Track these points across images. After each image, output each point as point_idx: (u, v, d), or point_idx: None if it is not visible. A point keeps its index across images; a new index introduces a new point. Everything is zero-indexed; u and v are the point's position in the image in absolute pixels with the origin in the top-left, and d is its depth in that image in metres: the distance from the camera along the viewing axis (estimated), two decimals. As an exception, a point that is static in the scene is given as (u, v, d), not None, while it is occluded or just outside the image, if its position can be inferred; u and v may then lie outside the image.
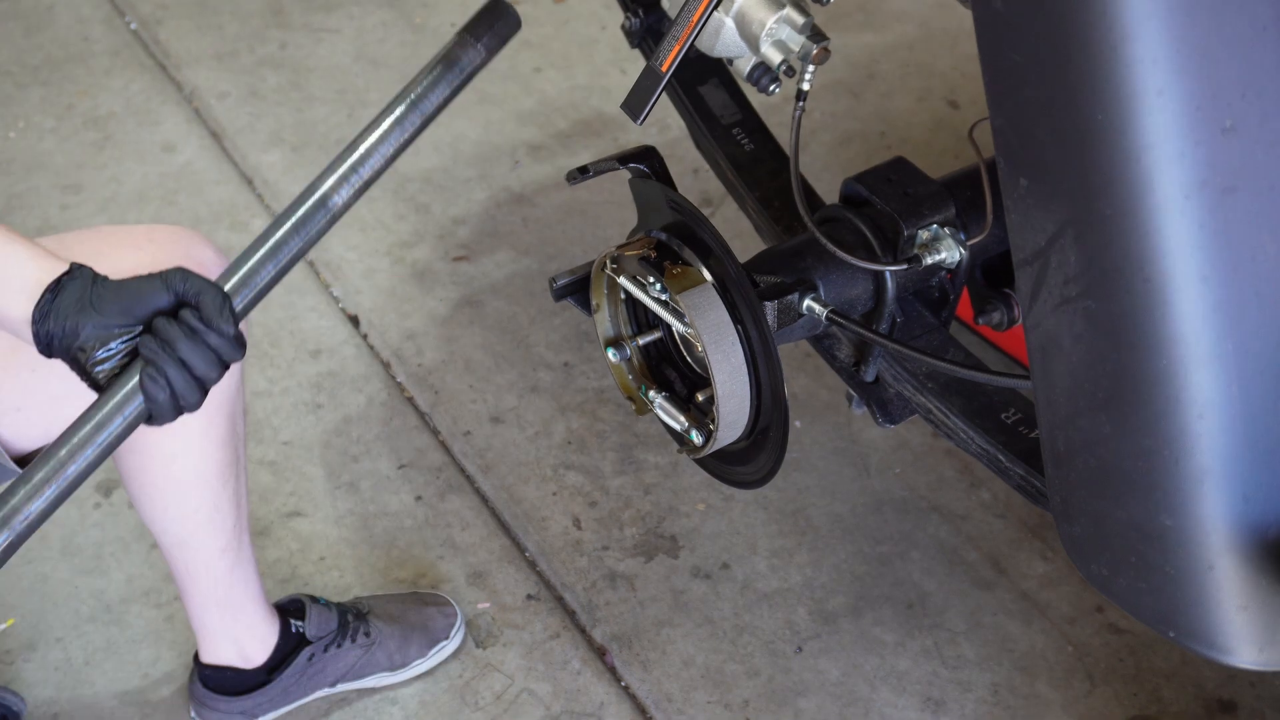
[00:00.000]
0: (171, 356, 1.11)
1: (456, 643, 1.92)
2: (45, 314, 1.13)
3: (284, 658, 1.80)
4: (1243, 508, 0.98)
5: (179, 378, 1.12)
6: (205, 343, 1.12)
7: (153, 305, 1.13)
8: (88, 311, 1.12)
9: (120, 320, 1.12)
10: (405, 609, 1.90)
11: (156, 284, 1.14)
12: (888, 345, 1.51)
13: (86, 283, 1.14)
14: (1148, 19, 0.88)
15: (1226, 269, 0.92)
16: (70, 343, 1.13)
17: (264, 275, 1.19)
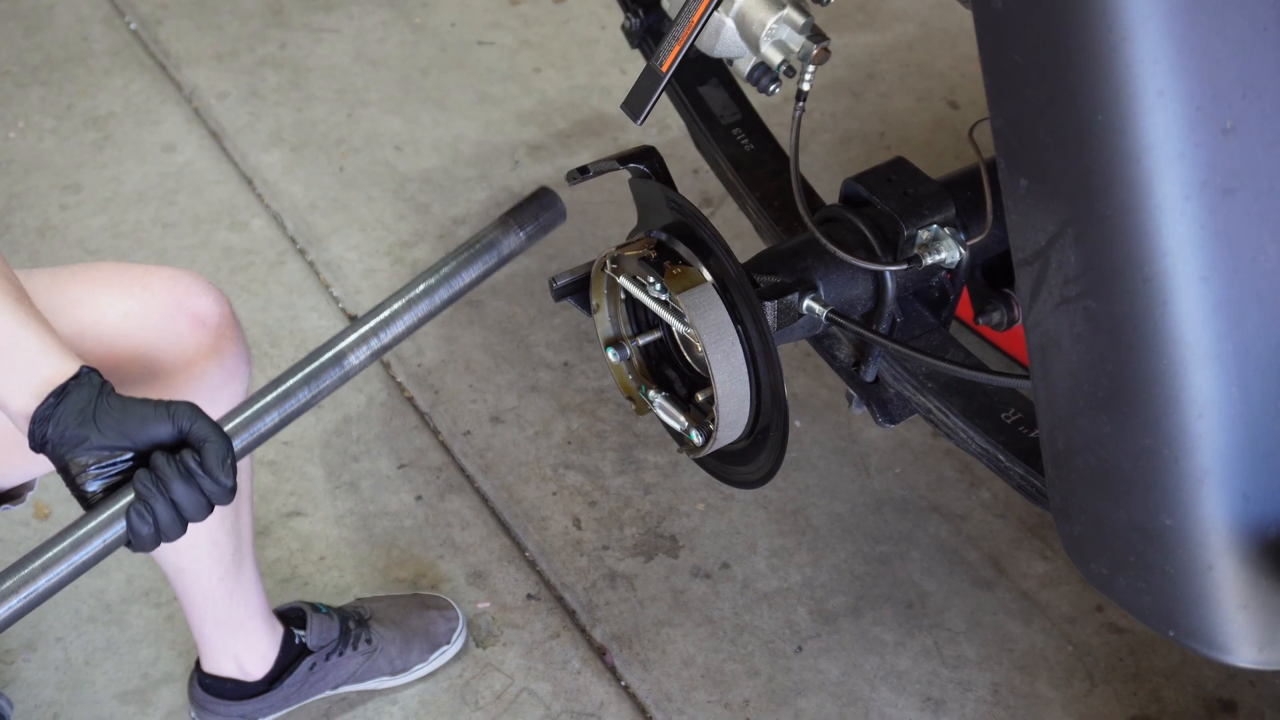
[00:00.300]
0: (163, 495, 1.11)
1: (458, 646, 1.91)
2: (46, 418, 1.12)
3: (285, 668, 1.80)
4: (1242, 507, 0.98)
5: (166, 516, 1.11)
6: (199, 487, 1.11)
7: (154, 436, 1.12)
8: (89, 426, 1.11)
9: (118, 443, 1.12)
10: (407, 613, 1.90)
11: (162, 415, 1.12)
12: (888, 345, 1.51)
13: (93, 392, 1.13)
14: (1148, 19, 0.88)
15: (1226, 269, 0.92)
16: (64, 453, 1.12)
17: (267, 422, 1.20)
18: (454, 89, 2.82)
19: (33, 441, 1.14)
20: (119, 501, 1.12)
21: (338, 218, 2.53)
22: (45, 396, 1.12)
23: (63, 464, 1.13)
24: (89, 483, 1.13)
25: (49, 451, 1.13)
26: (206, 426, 1.13)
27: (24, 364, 1.14)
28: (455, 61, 2.89)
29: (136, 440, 1.12)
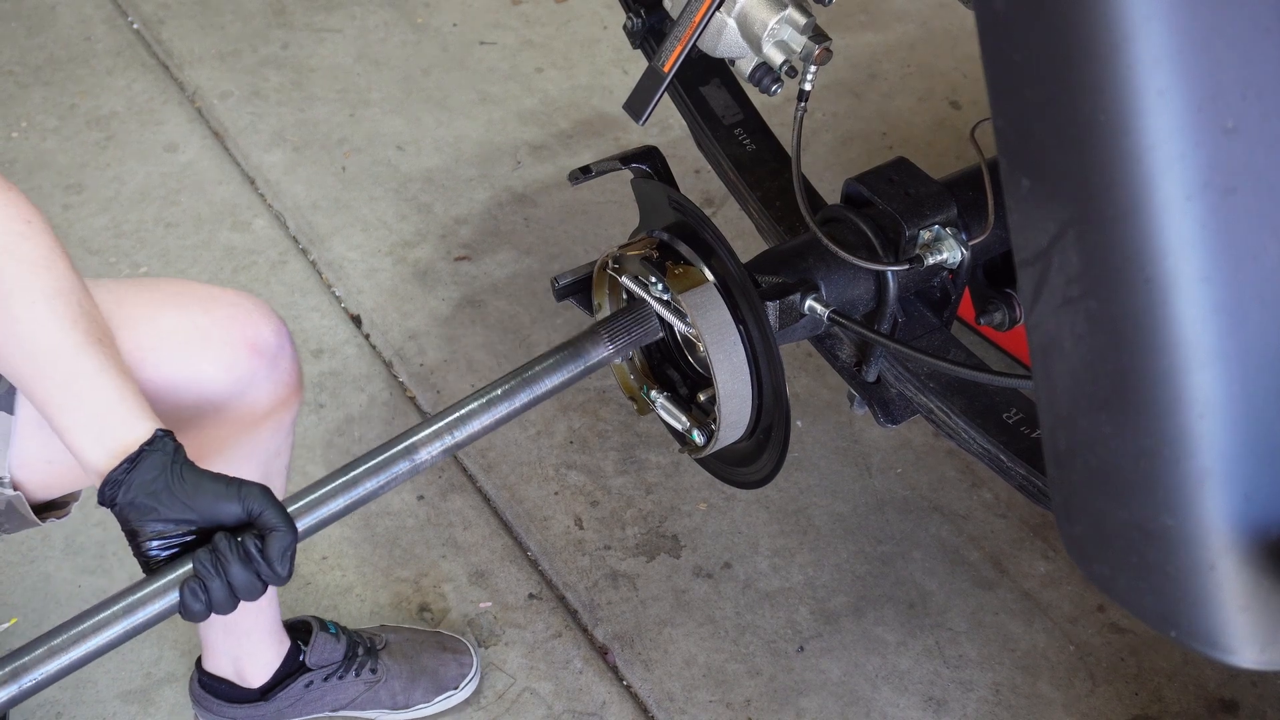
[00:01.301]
0: (220, 576, 1.13)
1: (466, 694, 1.88)
2: (117, 482, 1.14)
3: (280, 681, 1.78)
4: (1244, 508, 0.98)
5: (220, 595, 1.14)
6: (257, 573, 1.14)
7: (221, 515, 1.15)
8: (159, 498, 1.14)
9: (185, 516, 1.14)
10: (420, 650, 1.87)
11: (233, 495, 1.15)
12: (889, 345, 1.51)
13: (165, 460, 1.15)
14: (1149, 19, 0.88)
15: (1228, 269, 0.92)
16: (131, 518, 1.14)
17: (332, 508, 1.24)
18: (456, 89, 2.83)
19: (101, 499, 1.16)
20: (176, 572, 1.15)
21: (340, 217, 2.53)
22: (120, 460, 1.14)
23: (129, 529, 1.15)
24: (152, 550, 1.15)
25: (116, 513, 1.15)
26: (275, 515, 1.15)
27: (99, 418, 1.16)
28: (457, 61, 2.89)
29: (204, 517, 1.15)
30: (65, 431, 1.18)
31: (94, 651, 1.14)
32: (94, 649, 1.14)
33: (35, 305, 1.19)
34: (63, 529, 2.03)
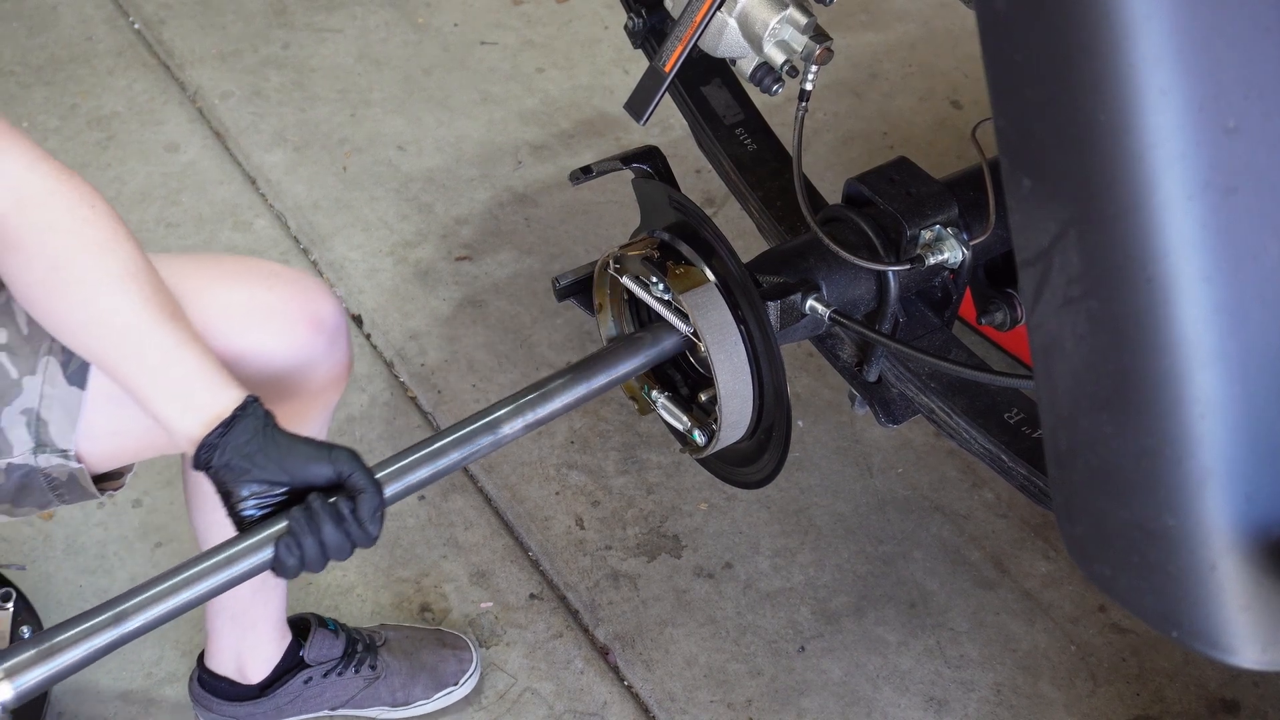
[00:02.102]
0: (314, 534, 1.19)
1: (466, 690, 1.87)
2: (213, 446, 1.19)
3: (279, 677, 1.79)
4: (1245, 508, 0.98)
5: (313, 552, 1.19)
6: (348, 533, 1.19)
7: (313, 476, 1.21)
8: (253, 460, 1.19)
9: (279, 478, 1.20)
10: (420, 647, 1.87)
11: (324, 458, 1.21)
12: (890, 345, 1.51)
13: (258, 424, 1.20)
14: (1150, 19, 0.88)
15: (1229, 269, 0.92)
16: (227, 480, 1.20)
17: (417, 477, 1.30)
18: (457, 89, 2.83)
19: (197, 464, 1.21)
20: (271, 529, 1.20)
21: (341, 217, 2.53)
22: (214, 425, 1.19)
23: (224, 490, 1.21)
24: (246, 510, 1.21)
25: (212, 476, 1.21)
26: (364, 478, 1.21)
27: (187, 388, 1.21)
28: (458, 61, 2.89)
29: (296, 478, 1.20)
30: (152, 403, 1.22)
31: (191, 601, 1.19)
32: (191, 599, 1.19)
33: (107, 287, 1.23)
34: (63, 529, 2.03)
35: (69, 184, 1.25)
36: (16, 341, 1.33)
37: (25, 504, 1.37)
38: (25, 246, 1.23)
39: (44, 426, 1.33)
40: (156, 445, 1.36)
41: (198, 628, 1.92)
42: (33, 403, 1.33)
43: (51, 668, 1.15)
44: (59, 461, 1.34)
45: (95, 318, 1.23)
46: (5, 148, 1.23)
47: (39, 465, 1.34)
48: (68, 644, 1.16)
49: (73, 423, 1.33)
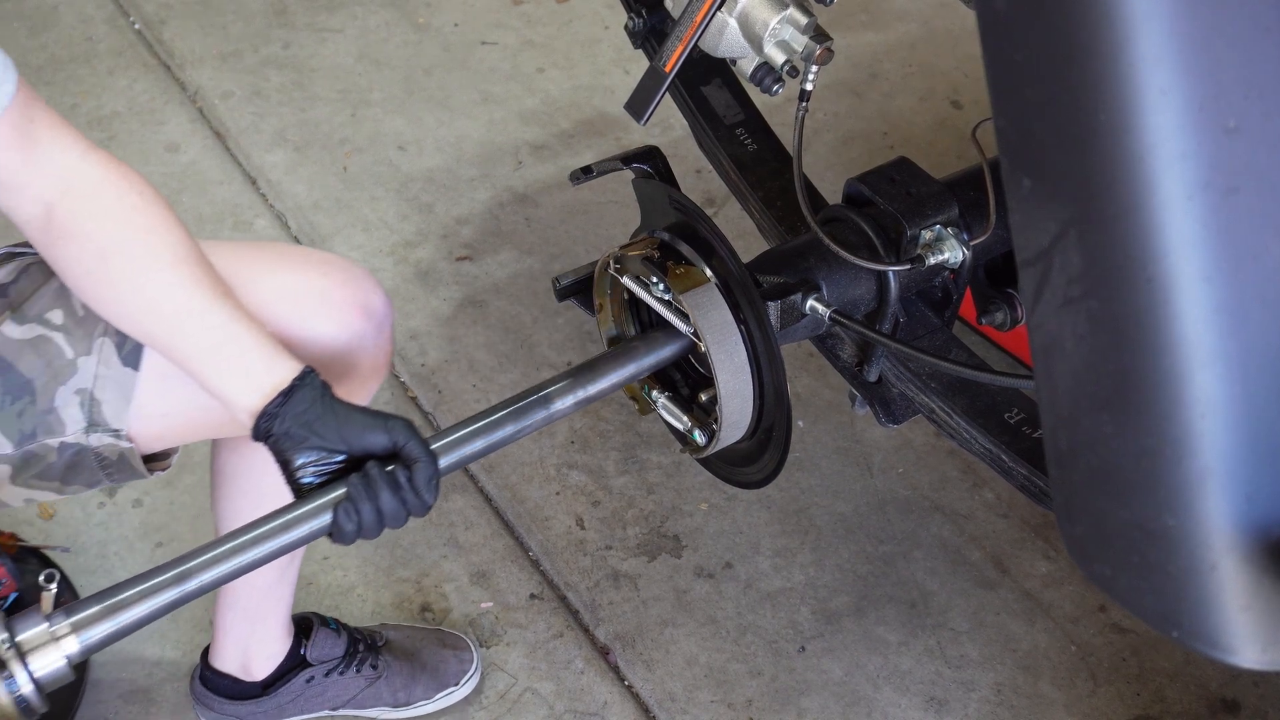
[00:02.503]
0: (371, 501, 1.21)
1: (467, 690, 1.87)
2: (272, 415, 1.22)
3: (282, 675, 1.79)
4: (1246, 508, 0.98)
5: (370, 518, 1.22)
6: (404, 500, 1.22)
7: (370, 445, 1.23)
8: (311, 429, 1.22)
9: (337, 446, 1.23)
10: (421, 647, 1.87)
11: (380, 427, 1.24)
12: (891, 345, 1.51)
13: (315, 395, 1.23)
14: (1151, 19, 0.88)
15: (1229, 269, 0.92)
16: (285, 448, 1.23)
17: (472, 449, 1.32)
18: (457, 89, 2.83)
19: (256, 434, 1.24)
20: (329, 495, 1.22)
21: (341, 217, 2.53)
22: (273, 396, 1.22)
23: (283, 459, 1.24)
24: (305, 477, 1.24)
25: (270, 445, 1.24)
26: (419, 446, 1.23)
27: (244, 363, 1.25)
28: (458, 61, 2.89)
29: (353, 446, 1.23)
30: (211, 381, 1.25)
31: (251, 562, 1.22)
32: (251, 560, 1.22)
33: (158, 271, 1.25)
34: (64, 529, 2.03)
35: (118, 173, 1.27)
36: (72, 323, 1.35)
37: (74, 482, 1.39)
38: (76, 236, 1.26)
39: (97, 406, 1.35)
40: (204, 427, 1.40)
41: (199, 628, 1.92)
42: (87, 383, 1.35)
43: (116, 624, 1.16)
44: (110, 441, 1.36)
45: (148, 302, 1.26)
46: (55, 137, 1.26)
47: (90, 444, 1.36)
48: (132, 601, 1.17)
49: (126, 403, 1.36)
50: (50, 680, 1.13)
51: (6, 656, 1.11)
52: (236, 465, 1.57)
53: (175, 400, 1.36)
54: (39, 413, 1.34)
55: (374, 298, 1.46)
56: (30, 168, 1.24)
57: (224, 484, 1.61)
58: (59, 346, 1.35)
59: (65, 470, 1.38)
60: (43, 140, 1.25)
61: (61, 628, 1.14)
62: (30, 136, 1.24)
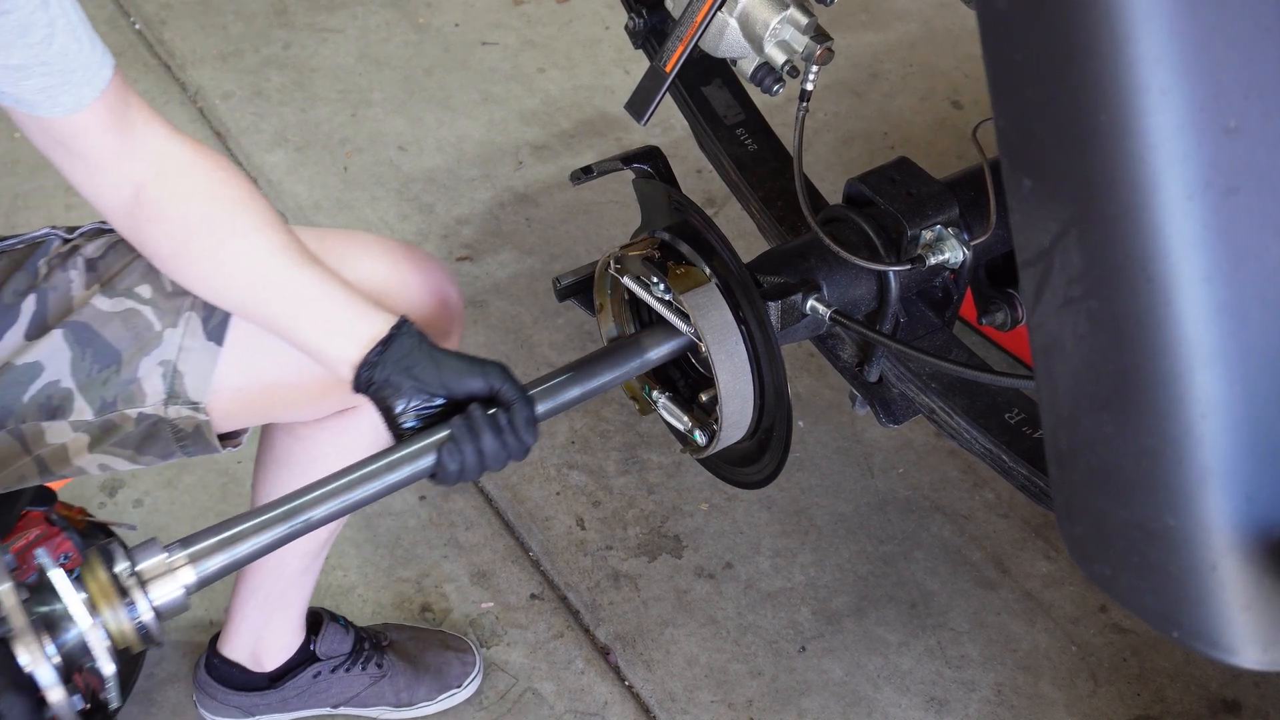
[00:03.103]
0: (474, 443, 1.25)
1: (469, 692, 1.88)
2: (372, 364, 1.26)
3: (290, 669, 1.80)
4: (1246, 508, 0.98)
5: (473, 461, 1.25)
6: (505, 443, 1.26)
7: (468, 389, 1.27)
8: (411, 372, 1.26)
9: (435, 391, 1.26)
10: (424, 649, 1.88)
11: (477, 371, 1.27)
12: (891, 345, 1.51)
13: (413, 341, 1.27)
14: (1151, 19, 0.88)
15: (1230, 269, 0.92)
16: (386, 395, 1.26)
17: (568, 395, 1.36)
18: (457, 89, 2.83)
19: (357, 385, 1.27)
20: (433, 438, 1.25)
21: (342, 217, 2.53)
22: (371, 346, 1.26)
23: (385, 405, 1.27)
24: (407, 422, 1.27)
25: (372, 394, 1.27)
26: (515, 389, 1.27)
27: (340, 318, 1.28)
28: (459, 62, 2.90)
29: (451, 390, 1.27)
30: (309, 338, 1.30)
31: (358, 501, 1.24)
32: (358, 499, 1.24)
33: (248, 238, 1.30)
34: (65, 529, 2.03)
35: (204, 153, 1.33)
36: (160, 297, 1.39)
37: (148, 453, 1.42)
38: (168, 216, 1.30)
39: (179, 378, 1.38)
40: (276, 407, 1.44)
41: (200, 629, 1.92)
42: (171, 354, 1.38)
43: (230, 556, 1.18)
44: (188, 413, 1.39)
45: (242, 270, 1.31)
46: (147, 120, 1.29)
47: (168, 416, 1.39)
48: (247, 534, 1.20)
49: (207, 377, 1.39)
50: (168, 609, 1.15)
51: (129, 585, 1.13)
52: (291, 449, 1.58)
53: (252, 378, 1.40)
54: (122, 381, 1.38)
55: (451, 291, 1.50)
56: (125, 150, 1.29)
57: (273, 466, 1.62)
58: (147, 319, 1.38)
59: (141, 440, 1.41)
60: (137, 123, 1.29)
61: (179, 559, 1.16)
62: (126, 119, 1.28)
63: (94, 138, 1.27)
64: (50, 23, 1.20)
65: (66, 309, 1.39)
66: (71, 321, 1.37)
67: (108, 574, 1.13)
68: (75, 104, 1.24)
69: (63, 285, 1.40)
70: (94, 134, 1.27)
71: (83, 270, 1.41)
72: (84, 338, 1.37)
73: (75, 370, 1.37)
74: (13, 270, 1.40)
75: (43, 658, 1.07)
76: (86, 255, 1.42)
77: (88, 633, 1.10)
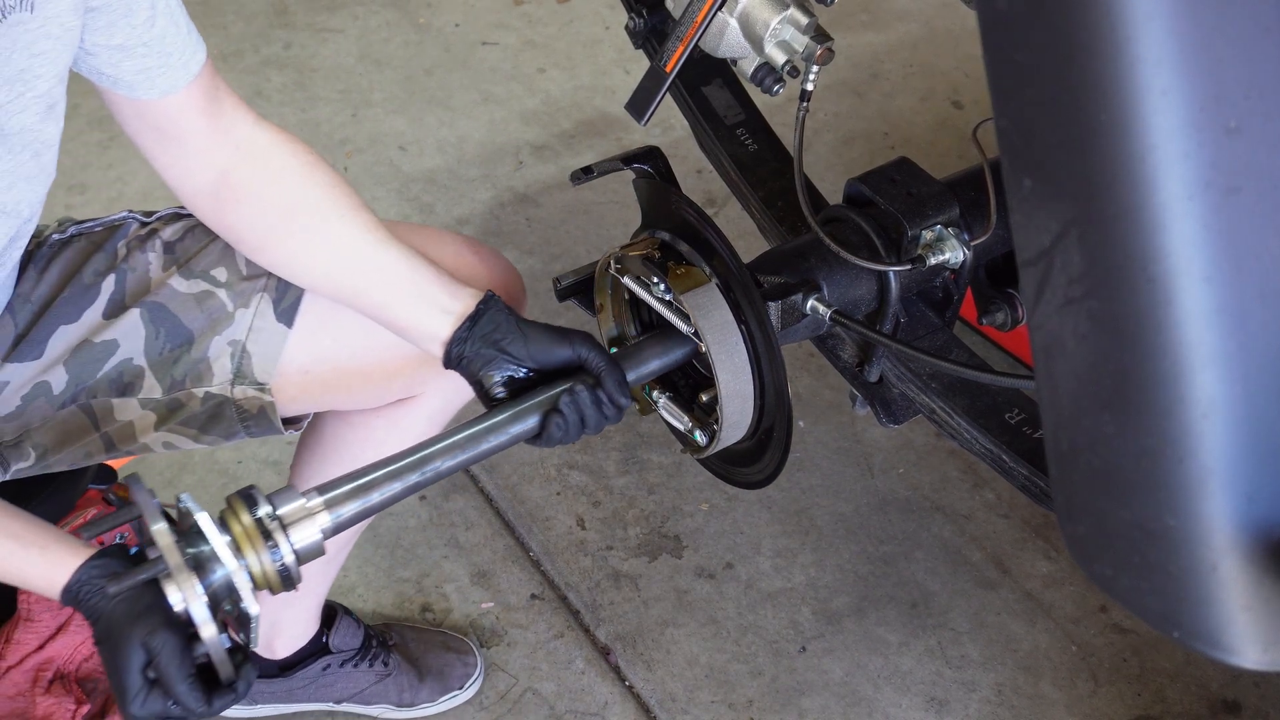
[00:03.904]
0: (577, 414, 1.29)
1: (470, 693, 1.89)
2: (462, 339, 1.31)
3: (302, 659, 1.81)
4: (1246, 508, 0.98)
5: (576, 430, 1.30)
6: (603, 413, 1.31)
7: (556, 359, 1.32)
8: (500, 346, 1.31)
9: (524, 364, 1.31)
10: (427, 651, 1.89)
11: (564, 342, 1.31)
12: (891, 345, 1.51)
13: (501, 315, 1.32)
14: (1152, 19, 0.88)
15: (1230, 269, 0.92)
16: (477, 368, 1.31)
17: (649, 367, 1.40)
18: (458, 89, 2.83)
19: (447, 360, 1.33)
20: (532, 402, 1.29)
21: (342, 218, 2.53)
22: (460, 323, 1.31)
23: (476, 379, 1.32)
24: (498, 393, 1.32)
25: (463, 368, 1.32)
26: (602, 358, 1.31)
27: (430, 298, 1.33)
28: (459, 62, 2.90)
29: (540, 362, 1.31)
30: (398, 316, 1.34)
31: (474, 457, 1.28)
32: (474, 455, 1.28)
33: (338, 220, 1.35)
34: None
35: (288, 137, 1.37)
36: (235, 279, 1.42)
37: (212, 432, 1.45)
38: (256, 198, 1.35)
39: (247, 358, 1.42)
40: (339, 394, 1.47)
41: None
42: (240, 335, 1.42)
43: (364, 503, 1.22)
44: (254, 394, 1.43)
45: (332, 251, 1.35)
46: (235, 105, 1.35)
47: (233, 396, 1.43)
48: (380, 482, 1.23)
49: (274, 358, 1.42)
50: (307, 552, 1.18)
51: (271, 528, 1.16)
52: (343, 435, 1.60)
53: (320, 361, 1.43)
54: (191, 360, 1.41)
55: (514, 281, 1.55)
56: (215, 134, 1.33)
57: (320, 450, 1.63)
58: (221, 301, 1.42)
59: (206, 419, 1.44)
60: (226, 107, 1.33)
61: (316, 504, 1.19)
62: (217, 103, 1.32)
63: (187, 120, 1.31)
64: (152, 5, 1.24)
65: (144, 289, 1.42)
66: (148, 301, 1.41)
67: (251, 517, 1.16)
68: (171, 86, 1.28)
69: (141, 266, 1.43)
70: (187, 117, 1.31)
71: (161, 253, 1.44)
72: (159, 317, 1.41)
73: (148, 348, 1.41)
74: (92, 251, 1.43)
75: (196, 595, 1.09)
76: (165, 238, 1.45)
77: (234, 574, 1.12)
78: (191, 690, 1.09)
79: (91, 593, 1.12)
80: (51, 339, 1.40)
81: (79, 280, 1.41)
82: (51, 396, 1.40)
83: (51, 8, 1.17)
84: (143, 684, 1.09)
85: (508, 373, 1.31)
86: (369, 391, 1.49)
